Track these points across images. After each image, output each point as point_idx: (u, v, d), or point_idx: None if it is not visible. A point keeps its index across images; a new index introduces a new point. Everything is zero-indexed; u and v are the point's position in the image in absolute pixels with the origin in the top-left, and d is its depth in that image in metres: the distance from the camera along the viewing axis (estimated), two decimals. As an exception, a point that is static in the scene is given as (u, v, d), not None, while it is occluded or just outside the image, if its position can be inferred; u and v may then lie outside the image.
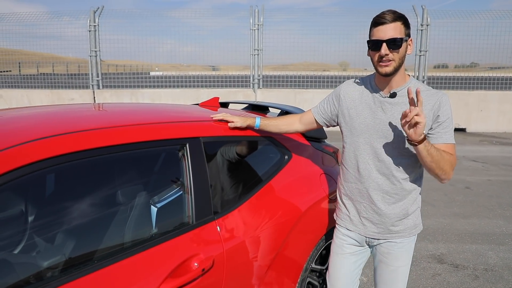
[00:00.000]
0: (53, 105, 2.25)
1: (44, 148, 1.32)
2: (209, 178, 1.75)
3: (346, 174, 1.85)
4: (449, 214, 4.51)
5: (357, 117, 1.75)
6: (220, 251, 1.66)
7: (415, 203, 1.78)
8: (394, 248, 1.79)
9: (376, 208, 1.75)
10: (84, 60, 11.08)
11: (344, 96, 1.83)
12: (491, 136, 9.70)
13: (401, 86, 1.67)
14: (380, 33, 1.57)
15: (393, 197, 1.73)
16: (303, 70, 11.27)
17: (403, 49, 1.59)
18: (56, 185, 1.59)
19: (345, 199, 1.88)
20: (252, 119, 2.01)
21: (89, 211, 1.53)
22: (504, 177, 6.11)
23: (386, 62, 1.58)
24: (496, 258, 3.47)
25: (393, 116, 1.66)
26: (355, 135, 1.76)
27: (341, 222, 1.92)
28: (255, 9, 10.19)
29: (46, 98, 10.58)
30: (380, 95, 1.70)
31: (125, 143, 1.54)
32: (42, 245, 1.44)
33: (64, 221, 1.48)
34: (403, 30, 1.57)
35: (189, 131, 1.77)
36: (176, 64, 12.88)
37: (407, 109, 1.47)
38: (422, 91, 1.63)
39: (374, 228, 1.79)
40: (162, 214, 1.66)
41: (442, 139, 1.63)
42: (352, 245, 1.89)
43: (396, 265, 1.79)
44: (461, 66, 11.50)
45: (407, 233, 1.78)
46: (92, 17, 10.30)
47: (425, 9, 10.04)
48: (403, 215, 1.75)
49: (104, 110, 2.13)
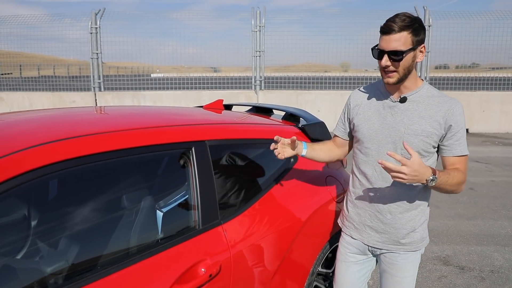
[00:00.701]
0: (55, 108, 2.24)
1: (48, 154, 1.31)
2: (215, 182, 1.73)
3: (354, 180, 1.81)
4: (453, 216, 4.49)
5: (365, 123, 1.71)
6: (227, 256, 1.65)
7: (423, 216, 1.72)
8: (398, 259, 1.73)
9: (382, 216, 1.70)
10: (85, 62, 11.08)
11: (353, 104, 1.80)
12: (493, 137, 9.66)
13: (412, 91, 1.62)
14: (384, 43, 1.52)
15: (400, 207, 1.67)
16: (304, 71, 11.25)
17: (408, 60, 1.52)
18: (60, 191, 1.56)
19: (351, 206, 1.84)
20: (300, 147, 1.81)
21: (94, 217, 1.51)
22: (507, 177, 6.09)
23: (389, 73, 1.55)
24: (502, 260, 3.44)
25: (403, 122, 1.60)
26: (363, 141, 1.72)
27: (346, 230, 1.89)
28: (257, 10, 10.18)
29: (47, 100, 10.57)
30: (390, 100, 1.65)
31: (130, 148, 1.52)
32: (45, 251, 1.43)
33: (68, 227, 1.46)
34: (409, 40, 1.49)
35: (195, 135, 1.76)
36: (177, 66, 12.86)
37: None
38: (434, 97, 1.60)
39: (377, 237, 1.74)
40: (168, 219, 1.64)
41: (456, 151, 1.58)
42: (356, 254, 1.85)
43: (400, 276, 1.74)
44: (462, 66, 11.49)
45: (414, 246, 1.72)
46: (94, 19, 10.30)
47: (427, 10, 10.03)
48: (410, 227, 1.69)
49: (107, 113, 2.12)
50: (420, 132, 1.57)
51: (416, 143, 1.57)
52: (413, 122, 1.59)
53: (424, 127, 1.57)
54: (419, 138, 1.57)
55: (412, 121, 1.59)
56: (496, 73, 10.65)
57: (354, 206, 1.82)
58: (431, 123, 1.57)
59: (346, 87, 10.60)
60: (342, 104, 8.56)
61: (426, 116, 1.58)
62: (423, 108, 1.59)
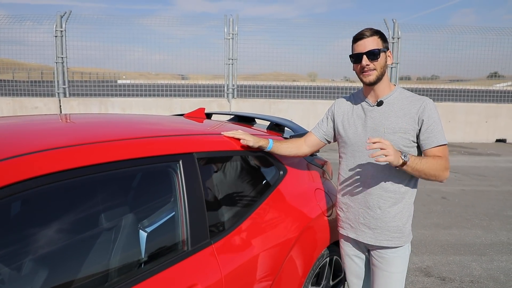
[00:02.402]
0: (17, 116, 2.00)
1: (11, 171, 1.11)
2: (204, 199, 1.58)
3: (344, 182, 1.92)
4: (429, 225, 4.52)
5: (349, 128, 1.88)
6: (219, 278, 1.50)
7: (408, 209, 1.85)
8: (388, 253, 1.85)
9: (372, 212, 1.82)
10: (48, 67, 10.54)
11: (338, 112, 1.96)
12: (459, 146, 10.01)
13: (387, 94, 1.80)
14: (360, 47, 1.74)
15: (388, 201, 1.80)
16: (273, 80, 11.25)
17: (383, 59, 1.74)
18: (28, 212, 1.33)
19: (344, 208, 1.95)
20: (265, 140, 1.97)
21: (67, 239, 1.31)
22: (476, 186, 6.26)
23: (368, 72, 1.74)
24: (480, 270, 3.47)
25: (381, 123, 1.77)
26: (349, 145, 1.87)
27: (343, 231, 2.00)
28: (230, 18, 10.09)
29: (6, 106, 9.94)
30: (368, 105, 1.83)
31: (109, 162, 1.34)
32: (9, 277, 1.21)
33: (37, 251, 1.24)
34: (380, 42, 1.74)
35: (182, 146, 1.60)
36: (144, 73, 12.53)
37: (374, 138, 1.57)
38: (407, 97, 1.79)
39: (370, 234, 1.86)
40: (153, 240, 1.47)
41: (433, 143, 1.71)
42: (356, 250, 1.99)
43: (390, 271, 1.85)
44: (423, 78, 11.93)
45: (402, 240, 1.84)
46: (59, 22, 9.84)
47: (396, 22, 10.32)
48: (398, 219, 1.82)
49: (81, 122, 1.90)
50: (398, 130, 1.73)
51: (396, 140, 1.73)
52: (390, 121, 1.75)
53: (401, 124, 1.73)
54: (397, 135, 1.73)
55: (390, 120, 1.76)
56: (460, 85, 11.11)
57: (347, 207, 1.93)
58: (407, 120, 1.73)
59: (317, 96, 10.68)
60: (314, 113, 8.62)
61: (401, 114, 1.75)
62: (399, 108, 1.76)
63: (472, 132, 10.64)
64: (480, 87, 10.96)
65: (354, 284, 2.08)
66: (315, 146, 2.07)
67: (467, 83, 11.35)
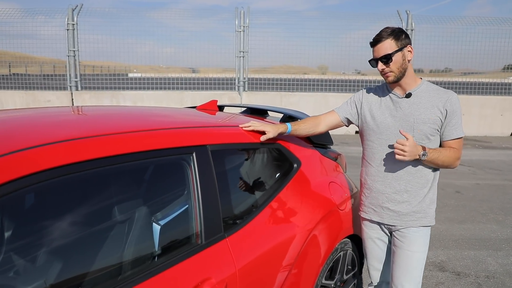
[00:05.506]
0: (32, 108, 2.00)
1: (27, 162, 1.11)
2: (218, 191, 1.56)
3: (370, 168, 2.00)
4: (443, 219, 4.46)
5: (378, 117, 1.95)
6: (233, 271, 1.48)
7: (433, 192, 1.95)
8: (410, 232, 1.93)
9: (399, 196, 1.91)
10: (60, 61, 10.62)
11: (366, 100, 2.03)
12: (473, 140, 9.84)
13: (414, 88, 1.89)
14: (375, 53, 1.85)
15: (415, 185, 1.89)
16: (283, 73, 11.17)
17: (399, 59, 1.81)
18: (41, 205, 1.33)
19: (368, 193, 2.03)
20: (284, 126, 1.98)
21: (80, 232, 1.30)
22: (491, 180, 6.15)
23: (386, 74, 1.84)
24: (495, 265, 3.41)
25: (411, 113, 1.86)
26: (377, 133, 1.95)
27: (365, 215, 2.07)
28: (241, 10, 10.01)
29: (20, 99, 10.06)
30: (397, 96, 1.92)
31: (122, 154, 1.33)
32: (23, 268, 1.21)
33: (47, 244, 1.23)
34: (393, 44, 1.80)
35: (195, 139, 1.58)
36: (155, 66, 12.54)
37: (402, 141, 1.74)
38: (434, 90, 1.88)
39: (395, 216, 1.94)
40: (166, 233, 1.46)
41: (452, 135, 1.85)
42: (378, 231, 2.06)
43: (412, 250, 1.92)
44: (436, 71, 11.69)
45: (426, 221, 1.93)
46: (71, 15, 9.88)
47: (409, 14, 10.12)
48: (424, 201, 1.91)
49: (95, 114, 1.89)
50: (427, 120, 1.83)
51: (425, 130, 1.84)
52: (420, 112, 1.85)
53: (429, 115, 1.84)
54: (427, 125, 1.84)
55: (419, 111, 1.85)
56: (474, 77, 10.88)
57: (371, 192, 2.01)
58: (435, 111, 1.84)
59: (327, 89, 10.57)
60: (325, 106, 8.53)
61: (429, 106, 1.85)
62: (426, 100, 1.86)
63: (487, 126, 10.44)
64: (494, 79, 10.72)
65: (374, 268, 2.13)
66: (333, 126, 2.12)
67: (481, 76, 11.11)
